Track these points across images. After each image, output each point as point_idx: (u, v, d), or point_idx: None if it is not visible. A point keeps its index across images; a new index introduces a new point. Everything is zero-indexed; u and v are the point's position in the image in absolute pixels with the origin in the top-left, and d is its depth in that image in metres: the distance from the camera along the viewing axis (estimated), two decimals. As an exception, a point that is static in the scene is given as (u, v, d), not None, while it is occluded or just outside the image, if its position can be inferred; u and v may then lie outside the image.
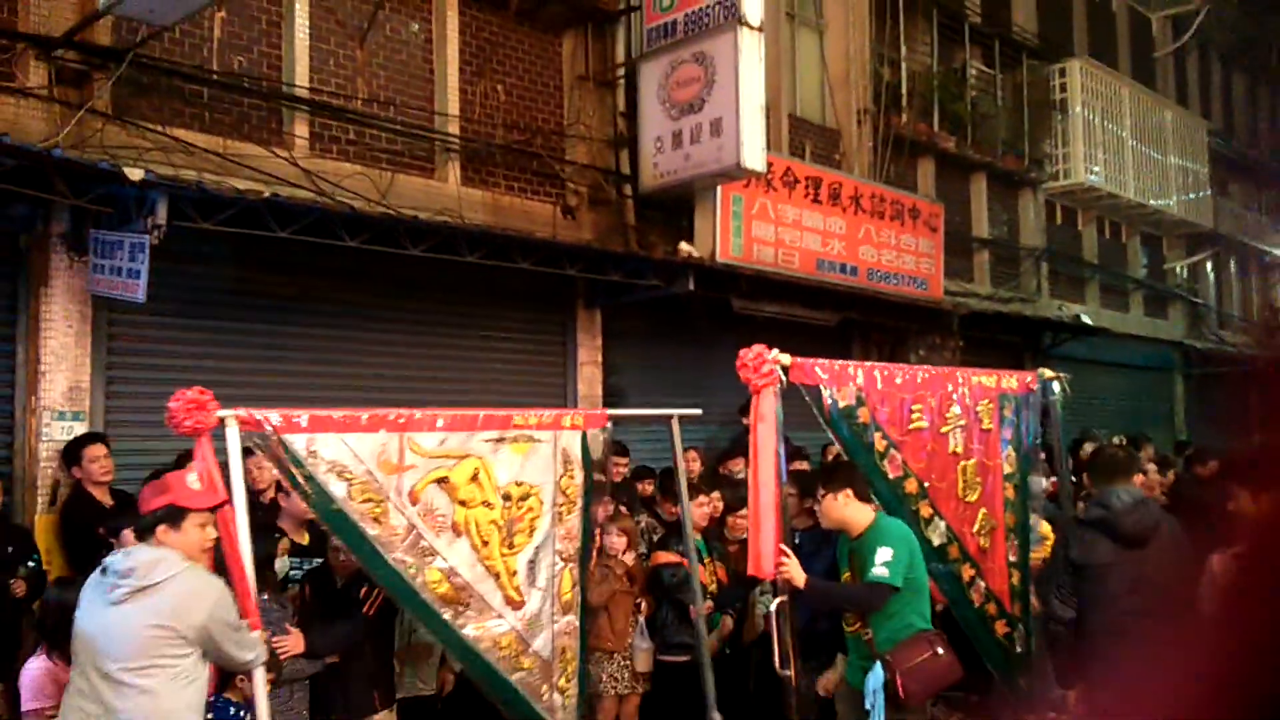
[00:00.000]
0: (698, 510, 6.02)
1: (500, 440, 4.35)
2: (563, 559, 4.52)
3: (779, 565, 4.35)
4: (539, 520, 4.45)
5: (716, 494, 6.45)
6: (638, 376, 9.07)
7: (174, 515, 3.58)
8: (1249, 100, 21.25)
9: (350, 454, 3.94)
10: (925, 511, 4.75)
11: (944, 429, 4.91)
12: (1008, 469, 5.12)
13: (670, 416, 4.87)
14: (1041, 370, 5.54)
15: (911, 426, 4.78)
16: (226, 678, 4.23)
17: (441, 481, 4.15)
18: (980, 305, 12.43)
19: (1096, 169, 14.55)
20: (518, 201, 8.38)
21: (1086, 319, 14.34)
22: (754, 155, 8.20)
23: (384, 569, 4.01)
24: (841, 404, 4.55)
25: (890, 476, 4.67)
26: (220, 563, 3.82)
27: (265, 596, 4.62)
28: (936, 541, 4.77)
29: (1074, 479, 9.15)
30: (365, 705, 4.62)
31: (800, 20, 11.20)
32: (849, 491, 4.57)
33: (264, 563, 4.63)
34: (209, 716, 4.13)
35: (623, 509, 6.04)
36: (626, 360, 9.02)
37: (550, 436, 4.51)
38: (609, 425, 4.81)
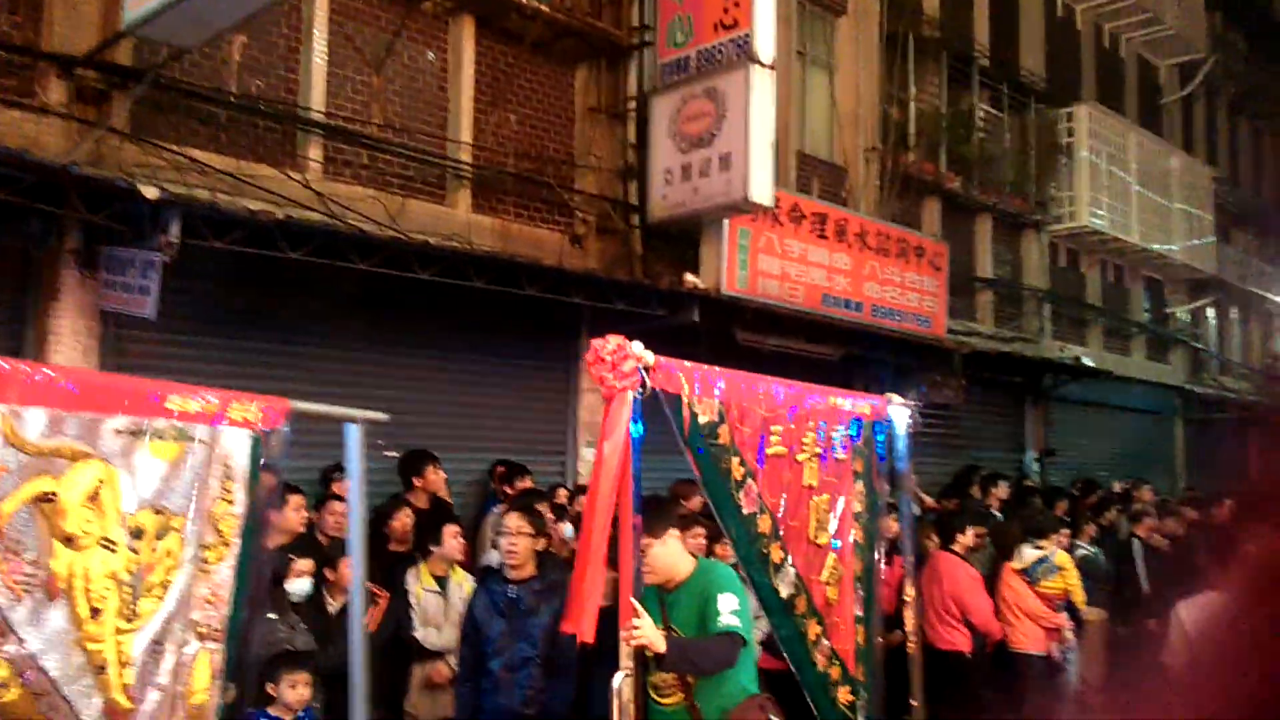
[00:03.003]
0: (691, 543, 6.02)
1: (138, 434, 2.77)
2: (198, 636, 2.92)
3: (630, 627, 3.36)
4: (176, 573, 2.85)
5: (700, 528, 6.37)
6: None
7: None
8: (1254, 148, 21.39)
9: None
10: (776, 556, 3.92)
11: (800, 456, 4.08)
12: (857, 507, 4.40)
13: (354, 419, 3.56)
14: (891, 395, 4.78)
15: (770, 451, 3.94)
16: (264, 694, 4.24)
17: (44, 501, 2.57)
18: (983, 344, 12.47)
19: (1101, 213, 14.64)
20: (526, 229, 8.47)
21: (1088, 361, 14.39)
22: (762, 190, 8.28)
23: None
24: (703, 419, 3.64)
25: (745, 512, 3.80)
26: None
27: (274, 616, 4.64)
28: (785, 593, 3.94)
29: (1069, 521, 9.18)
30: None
31: (811, 59, 11.32)
32: (676, 532, 3.91)
33: (272, 582, 4.66)
34: None
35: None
36: (629, 389, 9.06)
37: (209, 434, 2.95)
38: (285, 425, 3.23)
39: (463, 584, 5.43)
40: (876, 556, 4.53)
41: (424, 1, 7.93)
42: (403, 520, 5.75)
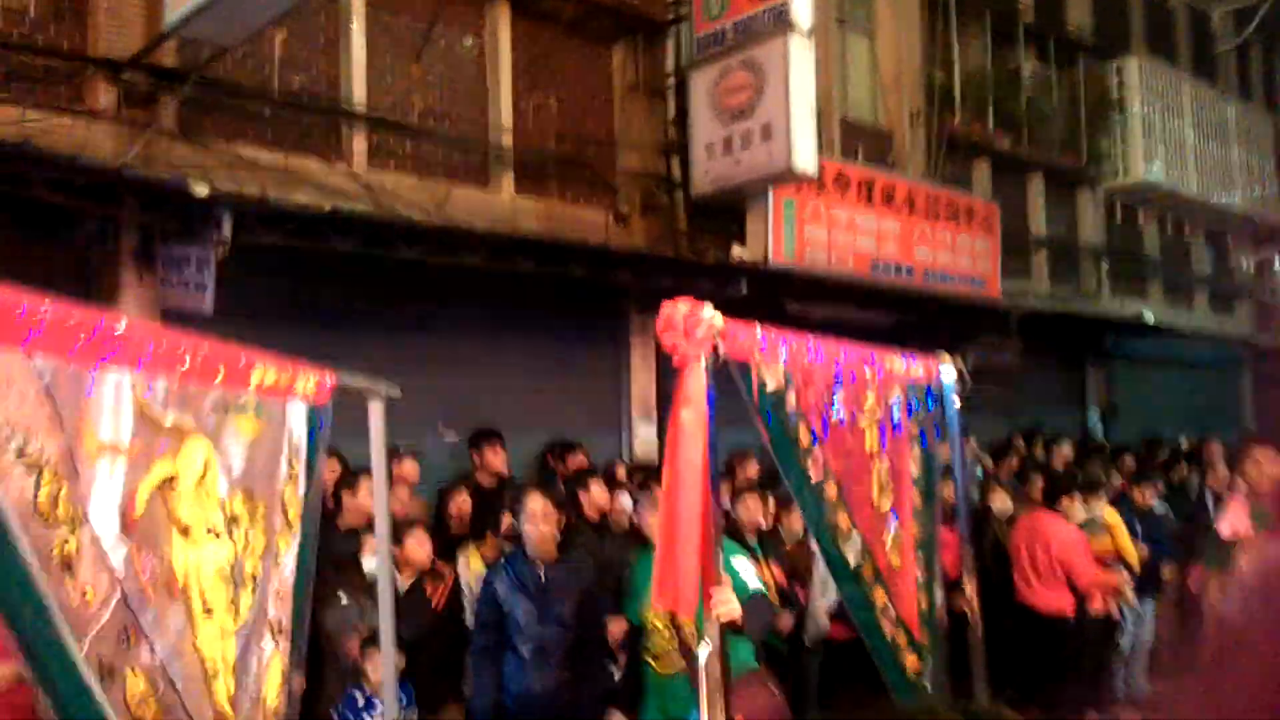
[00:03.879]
0: (756, 510, 6.05)
1: (226, 408, 2.48)
2: (273, 633, 2.66)
3: (713, 600, 3.16)
4: (260, 564, 2.61)
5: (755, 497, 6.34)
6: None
7: None
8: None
9: (41, 394, 1.85)
10: (844, 523, 3.82)
11: (861, 421, 4.00)
12: (914, 471, 4.30)
13: (375, 391, 3.35)
14: (943, 353, 4.58)
15: (833, 417, 3.84)
16: (358, 672, 4.33)
17: (167, 485, 2.24)
18: (1040, 304, 12.27)
19: (1157, 166, 14.30)
20: (571, 210, 8.48)
21: (1149, 317, 14.09)
22: (805, 158, 8.21)
23: (64, 675, 1.83)
24: (770, 386, 3.50)
25: (812, 479, 3.69)
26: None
27: (345, 600, 4.72)
28: (853, 561, 3.85)
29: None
30: (432, 699, 4.67)
31: (851, 24, 11.17)
32: None
33: (346, 562, 4.74)
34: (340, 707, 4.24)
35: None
36: (681, 366, 9.07)
37: (279, 409, 2.73)
38: (331, 400, 3.00)
39: None
40: (935, 521, 4.40)
41: (459, -13, 7.97)
42: (459, 504, 5.81)
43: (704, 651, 3.14)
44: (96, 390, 2.02)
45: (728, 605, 3.16)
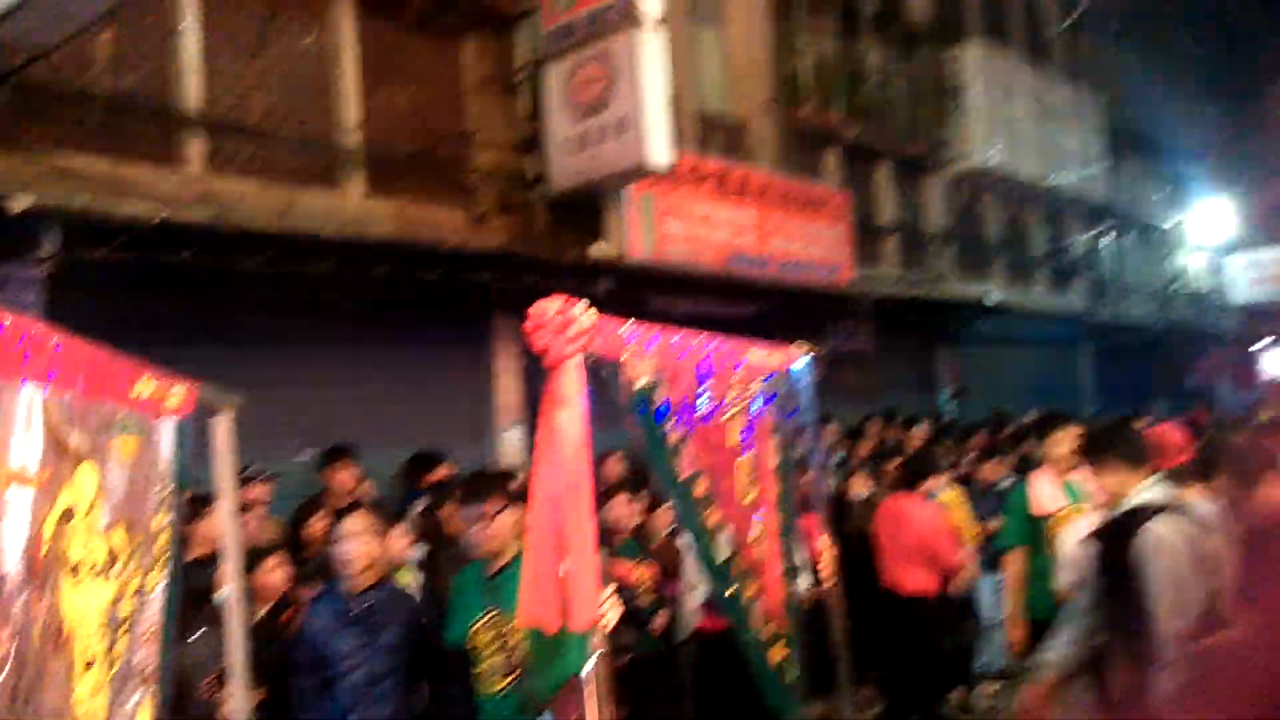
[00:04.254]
0: (626, 510, 6.05)
1: (110, 426, 2.24)
2: (141, 681, 2.41)
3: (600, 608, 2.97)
4: (132, 604, 2.36)
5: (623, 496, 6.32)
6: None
7: None
8: (1144, 75, 21.87)
9: None
10: (714, 520, 3.80)
11: (724, 416, 3.99)
12: (775, 461, 4.32)
13: (219, 406, 3.18)
14: (798, 343, 4.63)
15: (700, 412, 3.81)
16: (205, 710, 4.14)
17: (65, 519, 1.99)
18: (889, 290, 12.66)
19: (994, 150, 14.90)
20: (425, 211, 8.28)
21: (992, 298, 14.71)
22: (660, 152, 8.22)
23: None
24: (640, 383, 3.45)
25: (683, 477, 3.64)
26: None
27: (196, 636, 4.49)
28: (723, 556, 3.85)
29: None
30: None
31: (701, 15, 11.24)
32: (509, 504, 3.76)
33: (200, 597, 4.51)
34: None
35: None
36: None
37: (151, 426, 2.51)
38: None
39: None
40: (795, 509, 4.46)
41: (298, -17, 7.67)
42: (315, 527, 5.60)
43: (591, 661, 3.06)
44: (12, 407, 1.76)
45: (611, 611, 3.11)
